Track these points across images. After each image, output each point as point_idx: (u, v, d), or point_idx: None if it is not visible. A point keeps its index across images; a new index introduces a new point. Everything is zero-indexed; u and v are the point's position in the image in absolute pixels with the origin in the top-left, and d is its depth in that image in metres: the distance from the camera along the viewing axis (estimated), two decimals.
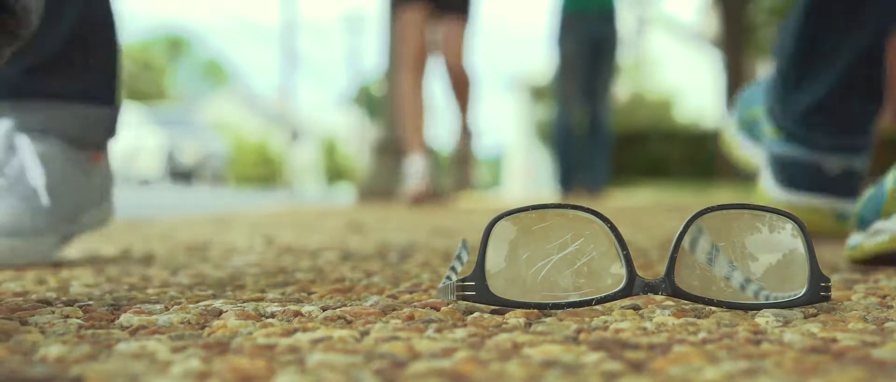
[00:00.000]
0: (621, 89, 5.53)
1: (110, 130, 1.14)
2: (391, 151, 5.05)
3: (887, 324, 0.58)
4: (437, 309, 0.64)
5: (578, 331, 0.56)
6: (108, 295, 0.76)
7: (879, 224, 0.94)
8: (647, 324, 0.58)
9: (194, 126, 17.17)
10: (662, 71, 18.71)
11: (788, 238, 0.63)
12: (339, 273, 0.95)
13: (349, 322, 0.61)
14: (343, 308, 0.65)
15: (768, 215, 0.63)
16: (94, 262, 1.10)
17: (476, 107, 4.04)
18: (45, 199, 1.04)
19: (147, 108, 18.57)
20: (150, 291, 0.79)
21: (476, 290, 0.61)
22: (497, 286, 0.61)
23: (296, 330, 0.57)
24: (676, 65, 19.00)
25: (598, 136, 5.02)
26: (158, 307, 0.67)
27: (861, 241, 0.97)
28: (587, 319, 0.60)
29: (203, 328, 0.59)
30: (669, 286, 0.62)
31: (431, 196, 3.65)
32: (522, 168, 19.04)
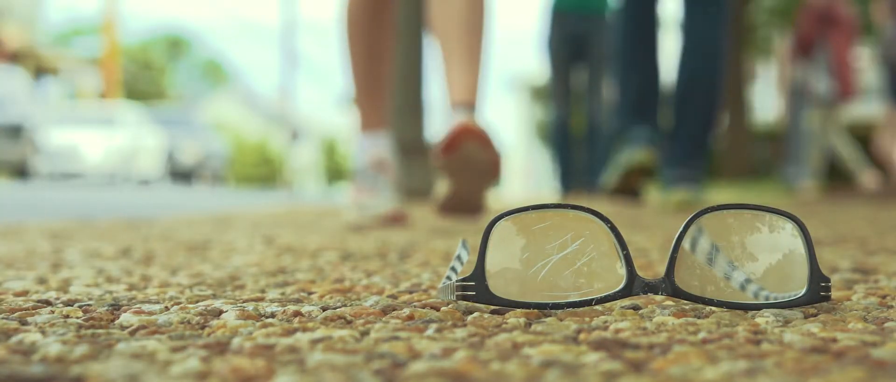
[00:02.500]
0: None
1: None
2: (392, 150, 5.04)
3: (887, 324, 0.58)
4: (437, 309, 0.64)
5: (578, 331, 0.56)
6: (108, 295, 0.76)
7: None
8: (647, 324, 0.58)
9: (194, 126, 17.17)
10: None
11: (788, 238, 0.63)
12: (339, 273, 0.95)
13: (349, 322, 0.61)
14: (343, 308, 0.65)
15: (768, 215, 0.63)
16: (94, 262, 1.10)
17: (486, 58, 1.94)
18: None
19: (147, 108, 18.57)
20: (150, 291, 0.79)
21: (476, 290, 0.61)
22: (497, 286, 0.61)
23: (296, 330, 0.57)
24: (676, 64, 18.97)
25: (596, 136, 5.03)
26: (158, 307, 0.67)
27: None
28: (587, 319, 0.60)
29: (203, 328, 0.59)
30: (669, 286, 0.62)
31: (402, 216, 2.04)
32: (522, 168, 19.04)
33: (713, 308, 0.63)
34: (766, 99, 13.37)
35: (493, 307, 0.64)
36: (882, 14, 5.86)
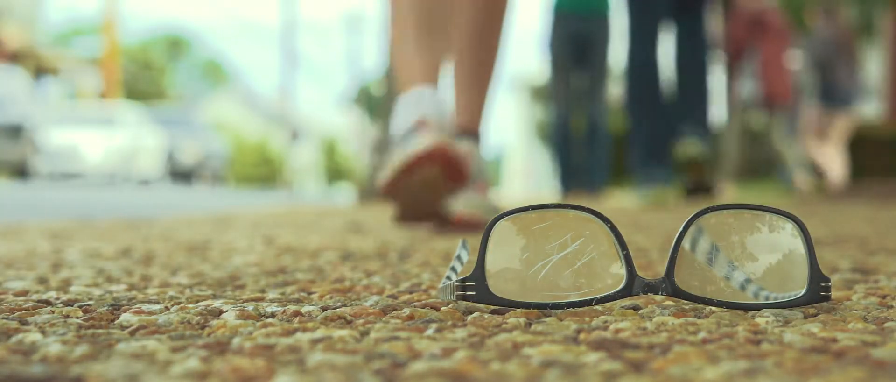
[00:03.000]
0: (620, 90, 5.66)
1: None
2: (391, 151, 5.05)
3: (887, 324, 0.58)
4: (437, 309, 0.64)
5: (578, 331, 0.56)
6: (108, 295, 0.76)
7: None
8: (647, 324, 0.58)
9: (194, 126, 17.17)
10: (662, 71, 18.72)
11: (788, 238, 0.63)
12: (339, 273, 0.95)
13: (349, 322, 0.61)
14: (343, 308, 0.65)
15: (768, 215, 0.63)
16: (94, 262, 1.10)
17: (497, 76, 1.78)
18: None
19: (147, 108, 18.58)
20: (150, 291, 0.79)
21: (476, 290, 0.61)
22: (497, 286, 0.61)
23: (296, 330, 0.57)
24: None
25: (596, 136, 5.03)
26: (158, 307, 0.67)
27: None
28: (587, 319, 0.60)
29: (203, 328, 0.59)
30: (669, 286, 0.62)
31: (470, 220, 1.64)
32: (522, 168, 19.04)
33: (713, 308, 0.63)
34: None
35: (493, 307, 0.64)
36: (815, 18, 6.08)
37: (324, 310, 0.65)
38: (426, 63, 1.70)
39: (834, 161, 6.24)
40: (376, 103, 10.72)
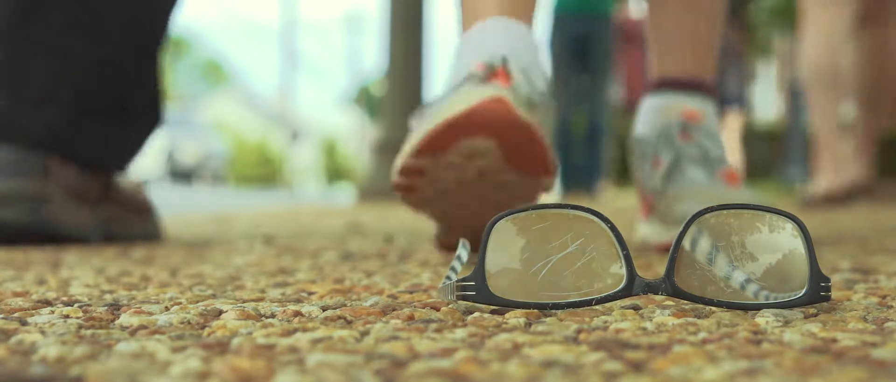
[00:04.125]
0: (621, 90, 5.71)
1: None
2: (391, 151, 5.05)
3: (887, 324, 0.58)
4: (437, 309, 0.64)
5: (578, 331, 0.56)
6: (108, 295, 0.76)
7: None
8: (647, 324, 0.58)
9: (194, 126, 17.18)
10: None
11: (788, 238, 0.63)
12: (339, 273, 0.95)
13: (349, 322, 0.61)
14: (343, 308, 0.65)
15: (768, 215, 0.63)
16: (94, 262, 1.10)
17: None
18: None
19: None
20: (150, 291, 0.79)
21: (476, 290, 0.61)
22: (497, 286, 0.61)
23: (296, 330, 0.57)
24: None
25: (596, 137, 5.04)
26: (158, 307, 0.67)
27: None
28: (587, 319, 0.60)
29: (203, 328, 0.59)
30: (669, 286, 0.62)
31: None
32: None
33: (713, 308, 0.63)
34: (766, 99, 13.36)
35: (493, 307, 0.64)
36: None
37: (324, 310, 0.65)
38: None
39: (731, 156, 6.35)
40: (376, 103, 10.72)
